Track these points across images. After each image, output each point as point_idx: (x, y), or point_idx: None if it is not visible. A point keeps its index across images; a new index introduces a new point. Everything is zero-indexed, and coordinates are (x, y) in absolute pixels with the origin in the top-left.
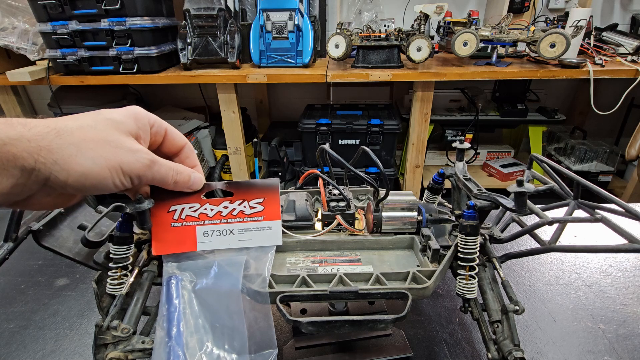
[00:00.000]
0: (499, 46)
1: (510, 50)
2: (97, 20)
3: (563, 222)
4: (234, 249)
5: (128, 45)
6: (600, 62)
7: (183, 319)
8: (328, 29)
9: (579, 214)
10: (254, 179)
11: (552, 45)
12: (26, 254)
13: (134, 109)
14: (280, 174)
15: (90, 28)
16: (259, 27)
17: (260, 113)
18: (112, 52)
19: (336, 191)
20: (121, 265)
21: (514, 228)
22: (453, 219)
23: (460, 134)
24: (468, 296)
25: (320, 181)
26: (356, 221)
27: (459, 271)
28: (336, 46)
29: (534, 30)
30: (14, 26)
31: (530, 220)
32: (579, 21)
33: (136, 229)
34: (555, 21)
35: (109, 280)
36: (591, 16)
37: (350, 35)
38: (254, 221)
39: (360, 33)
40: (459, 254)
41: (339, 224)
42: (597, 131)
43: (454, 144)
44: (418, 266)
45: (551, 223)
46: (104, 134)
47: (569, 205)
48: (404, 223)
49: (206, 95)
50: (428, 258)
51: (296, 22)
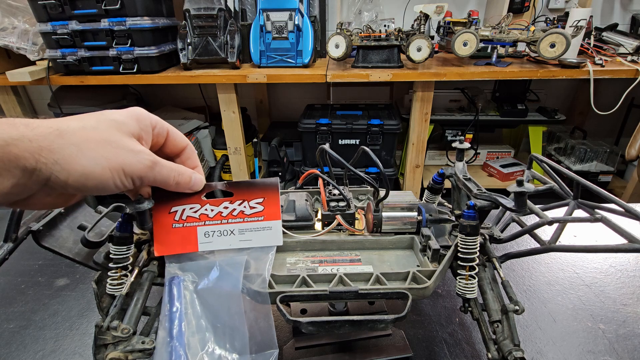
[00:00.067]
0: (499, 46)
1: (510, 50)
2: (97, 20)
3: (563, 222)
4: (235, 250)
5: (128, 45)
6: (600, 62)
7: (185, 319)
8: (328, 29)
9: (579, 214)
10: (253, 179)
11: (552, 45)
12: (26, 254)
13: (137, 110)
14: (280, 174)
15: (90, 28)
16: (259, 27)
17: (260, 113)
18: (112, 52)
19: (336, 191)
20: (121, 265)
21: (514, 228)
22: (453, 219)
23: (460, 134)
24: (468, 296)
25: (320, 181)
26: (356, 221)
27: (459, 271)
28: (336, 46)
29: (534, 30)
30: (14, 26)
31: (530, 220)
32: (579, 21)
33: (136, 229)
34: (555, 21)
35: (109, 280)
36: (591, 16)
37: (350, 35)
38: (254, 221)
39: (360, 33)
40: (459, 254)
41: (339, 224)
42: (597, 131)
43: (454, 144)
44: (418, 266)
45: (551, 223)
46: (105, 135)
47: (568, 205)
48: (404, 223)
49: (206, 95)
50: (428, 258)
51: (296, 22)
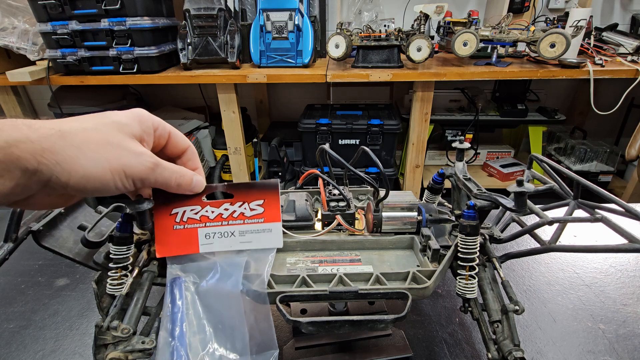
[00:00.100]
0: (499, 46)
1: (510, 50)
2: (97, 20)
3: (563, 222)
4: (235, 251)
5: (128, 45)
6: (600, 62)
7: (186, 320)
8: (328, 29)
9: (579, 213)
10: (253, 181)
11: (552, 45)
12: (26, 254)
13: (139, 112)
14: (280, 174)
15: (90, 28)
16: (259, 27)
17: (260, 113)
18: (112, 52)
19: (336, 191)
20: (121, 265)
21: (514, 228)
22: (453, 219)
23: (460, 134)
24: (468, 296)
25: (320, 181)
26: (356, 221)
27: (459, 271)
28: (336, 46)
29: (534, 30)
30: (14, 26)
31: (530, 220)
32: (579, 21)
33: (136, 229)
34: (555, 21)
35: (109, 280)
36: (591, 16)
37: (350, 35)
38: (254, 223)
39: (360, 33)
40: (459, 254)
41: (339, 224)
42: (597, 131)
43: (454, 144)
44: (418, 266)
45: (551, 223)
46: (107, 136)
47: (569, 205)
48: (404, 223)
49: (206, 95)
50: (428, 258)
51: (296, 22)
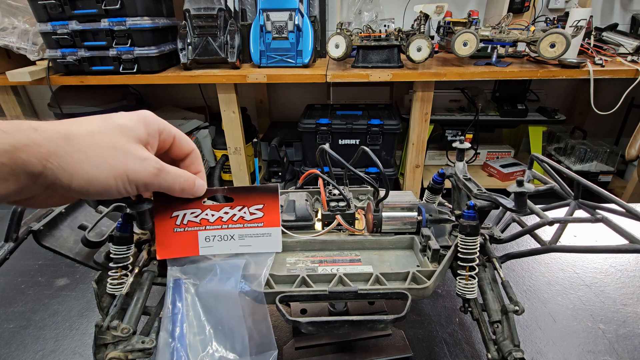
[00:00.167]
0: (499, 46)
1: (510, 50)
2: (97, 20)
3: (564, 223)
4: (235, 254)
5: (128, 45)
6: (600, 62)
7: (186, 321)
8: (328, 29)
9: (580, 214)
10: (254, 185)
11: (552, 45)
12: (26, 254)
13: (144, 114)
14: (280, 174)
15: (90, 28)
16: (259, 27)
17: (260, 113)
18: (112, 52)
19: (336, 191)
20: (121, 265)
21: (514, 228)
22: (453, 219)
23: (460, 134)
24: (468, 296)
25: (320, 181)
26: (356, 221)
27: (459, 271)
28: (336, 46)
29: (534, 30)
30: (14, 26)
31: (531, 220)
32: (579, 21)
33: (136, 229)
34: (555, 21)
35: (109, 280)
36: (591, 16)
37: (350, 35)
38: (254, 227)
39: (360, 33)
40: (459, 254)
41: (339, 224)
42: (597, 131)
43: (454, 144)
44: (418, 266)
45: (552, 223)
46: (112, 141)
47: (569, 205)
48: (404, 223)
49: (206, 95)
50: (428, 258)
51: (296, 22)
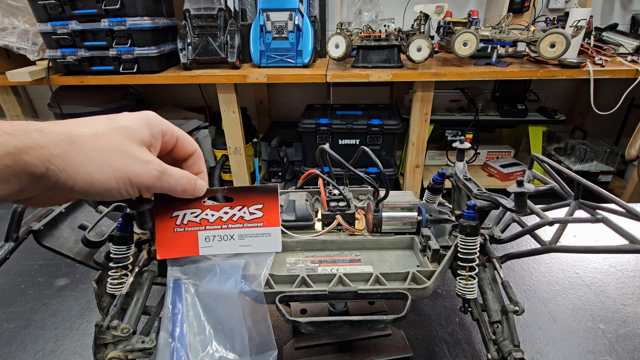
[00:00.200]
0: (499, 46)
1: (510, 50)
2: (97, 20)
3: (564, 223)
4: (235, 254)
5: (128, 45)
6: (600, 62)
7: (186, 321)
8: (328, 29)
9: (580, 214)
10: (253, 185)
11: (552, 45)
12: (26, 254)
13: (148, 116)
14: (280, 174)
15: (90, 28)
16: (259, 27)
17: (260, 113)
18: (112, 52)
19: (336, 191)
20: (121, 265)
21: (515, 228)
22: (453, 219)
23: (460, 134)
24: (468, 296)
25: (320, 181)
26: (356, 221)
27: (459, 271)
28: (336, 46)
29: (534, 30)
30: (14, 26)
31: (531, 220)
32: (579, 21)
33: (136, 229)
34: (555, 21)
35: (109, 280)
36: (591, 16)
37: (350, 35)
38: (253, 227)
39: (360, 33)
40: (459, 254)
41: (339, 224)
42: (597, 131)
43: (454, 144)
44: (418, 266)
45: (552, 223)
46: (115, 143)
47: (569, 205)
48: (404, 223)
49: (206, 95)
50: (428, 258)
51: (296, 22)
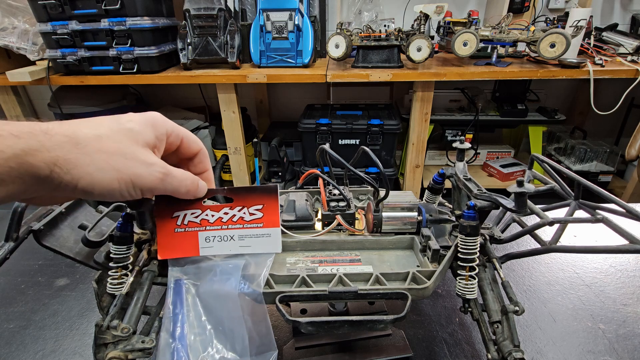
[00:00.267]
0: (499, 46)
1: (510, 50)
2: (97, 20)
3: (564, 223)
4: (235, 255)
5: (128, 45)
6: (600, 62)
7: (187, 322)
8: (328, 29)
9: (580, 214)
10: (253, 185)
11: (552, 45)
12: (26, 253)
13: (153, 117)
14: (280, 174)
15: (90, 28)
16: (259, 27)
17: (260, 113)
18: (112, 52)
19: (336, 191)
20: (121, 265)
21: (515, 228)
22: (453, 219)
23: (460, 134)
24: (468, 296)
25: (320, 181)
26: (356, 221)
27: (459, 271)
28: (336, 46)
29: (534, 30)
30: (14, 26)
31: (531, 220)
32: (579, 21)
33: (136, 229)
34: (555, 21)
35: (109, 279)
36: (591, 16)
37: (350, 35)
38: (253, 228)
39: (360, 33)
40: (459, 254)
41: (339, 224)
42: (597, 131)
43: (454, 144)
44: (418, 266)
45: (552, 223)
46: (119, 146)
47: (569, 205)
48: (404, 223)
49: (206, 95)
50: (428, 258)
51: (296, 22)
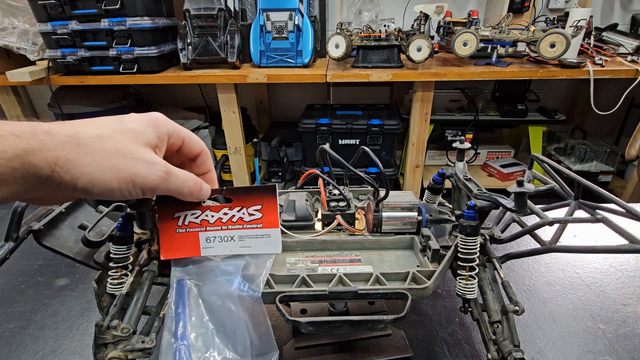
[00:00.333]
0: (499, 46)
1: (510, 50)
2: (97, 20)
3: (564, 223)
4: (235, 255)
5: (128, 45)
6: (600, 62)
7: (189, 322)
8: (328, 29)
9: (580, 214)
10: (252, 185)
11: (552, 45)
12: (26, 253)
13: (154, 117)
14: (280, 174)
15: (90, 28)
16: (259, 27)
17: (260, 113)
18: (112, 52)
19: (336, 191)
20: (121, 264)
21: (515, 228)
22: (453, 219)
23: (460, 134)
24: (468, 296)
25: (320, 181)
26: (356, 221)
27: (459, 271)
28: (336, 46)
29: (534, 30)
30: (14, 26)
31: (531, 220)
32: (579, 21)
33: (136, 229)
34: (555, 21)
35: (109, 279)
36: (591, 16)
37: (350, 35)
38: (253, 228)
39: (360, 33)
40: (459, 254)
41: (339, 224)
42: (597, 131)
43: (454, 144)
44: (418, 266)
45: (552, 223)
46: (121, 145)
47: (569, 205)
48: (404, 223)
49: (206, 95)
50: (428, 258)
51: (296, 22)
